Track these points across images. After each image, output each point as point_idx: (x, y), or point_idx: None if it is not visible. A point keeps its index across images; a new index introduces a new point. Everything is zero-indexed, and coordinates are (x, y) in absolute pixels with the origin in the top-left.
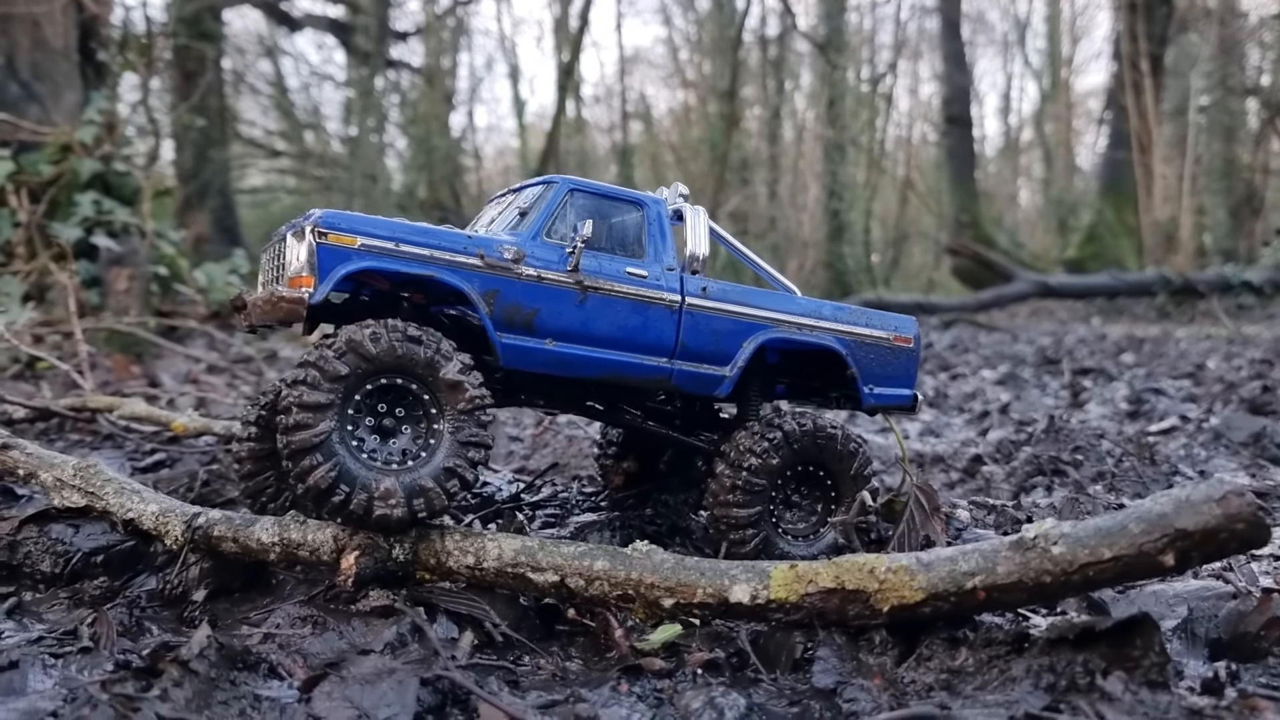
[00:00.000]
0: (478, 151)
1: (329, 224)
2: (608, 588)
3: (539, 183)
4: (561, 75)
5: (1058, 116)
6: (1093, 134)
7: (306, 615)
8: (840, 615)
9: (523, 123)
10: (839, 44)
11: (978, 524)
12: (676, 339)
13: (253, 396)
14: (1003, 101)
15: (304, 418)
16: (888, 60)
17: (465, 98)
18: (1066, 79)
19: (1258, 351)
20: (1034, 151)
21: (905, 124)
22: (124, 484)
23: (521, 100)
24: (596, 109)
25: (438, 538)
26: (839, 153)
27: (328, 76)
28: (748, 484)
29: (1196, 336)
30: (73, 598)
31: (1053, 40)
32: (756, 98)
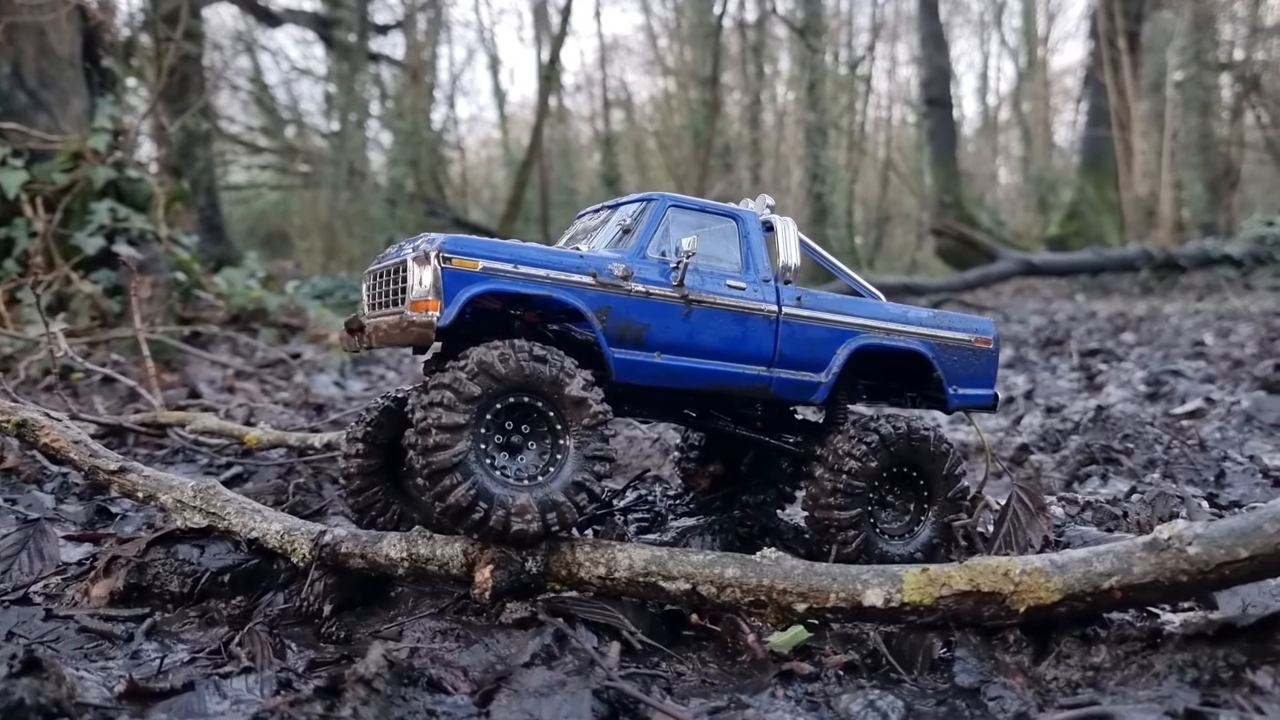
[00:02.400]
0: (460, 144)
1: (453, 249)
2: (739, 594)
3: (638, 199)
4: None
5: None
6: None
7: (445, 629)
8: (975, 616)
9: (504, 113)
10: (817, 28)
11: (1075, 520)
12: (775, 348)
13: (359, 415)
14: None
15: (443, 438)
16: (866, 43)
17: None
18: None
19: (1249, 326)
20: (1012, 130)
21: (885, 106)
22: (244, 503)
23: (502, 91)
24: (578, 97)
25: (568, 550)
26: (820, 136)
27: (307, 71)
28: (848, 487)
29: (1185, 311)
30: (203, 616)
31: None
32: (737, 83)
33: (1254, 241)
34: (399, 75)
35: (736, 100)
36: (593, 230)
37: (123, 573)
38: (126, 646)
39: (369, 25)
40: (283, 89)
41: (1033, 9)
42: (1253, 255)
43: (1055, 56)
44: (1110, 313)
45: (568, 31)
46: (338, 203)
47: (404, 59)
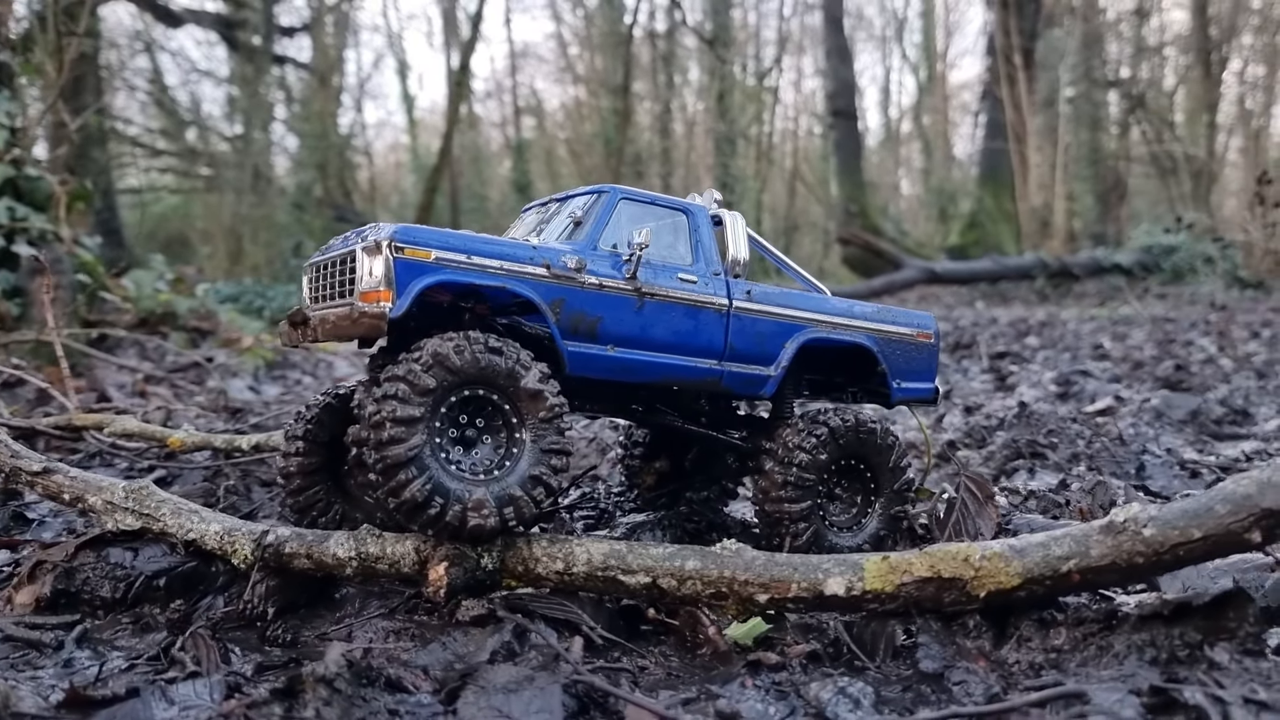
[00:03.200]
0: (368, 149)
1: (405, 239)
2: (700, 586)
3: (589, 192)
4: (456, 72)
5: (935, 109)
6: (968, 125)
7: (398, 629)
8: (935, 602)
9: (413, 118)
10: (726, 39)
11: (1019, 509)
12: (726, 341)
13: (298, 412)
14: (883, 95)
15: (397, 432)
16: (773, 55)
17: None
18: (942, 73)
19: (1142, 331)
20: (914, 143)
21: (791, 117)
22: (180, 504)
23: (411, 96)
24: (488, 104)
25: (524, 545)
26: (729, 145)
27: (209, 73)
28: (799, 479)
29: (1082, 317)
30: (137, 623)
31: (928, 35)
32: (648, 92)
33: (1142, 251)
34: (305, 78)
35: (647, 109)
36: (541, 224)
37: (49, 578)
38: (57, 655)
39: (274, 27)
40: (183, 91)
41: (932, 26)
42: (1141, 264)
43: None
44: (1011, 319)
45: (478, 38)
46: (241, 207)
47: (311, 62)
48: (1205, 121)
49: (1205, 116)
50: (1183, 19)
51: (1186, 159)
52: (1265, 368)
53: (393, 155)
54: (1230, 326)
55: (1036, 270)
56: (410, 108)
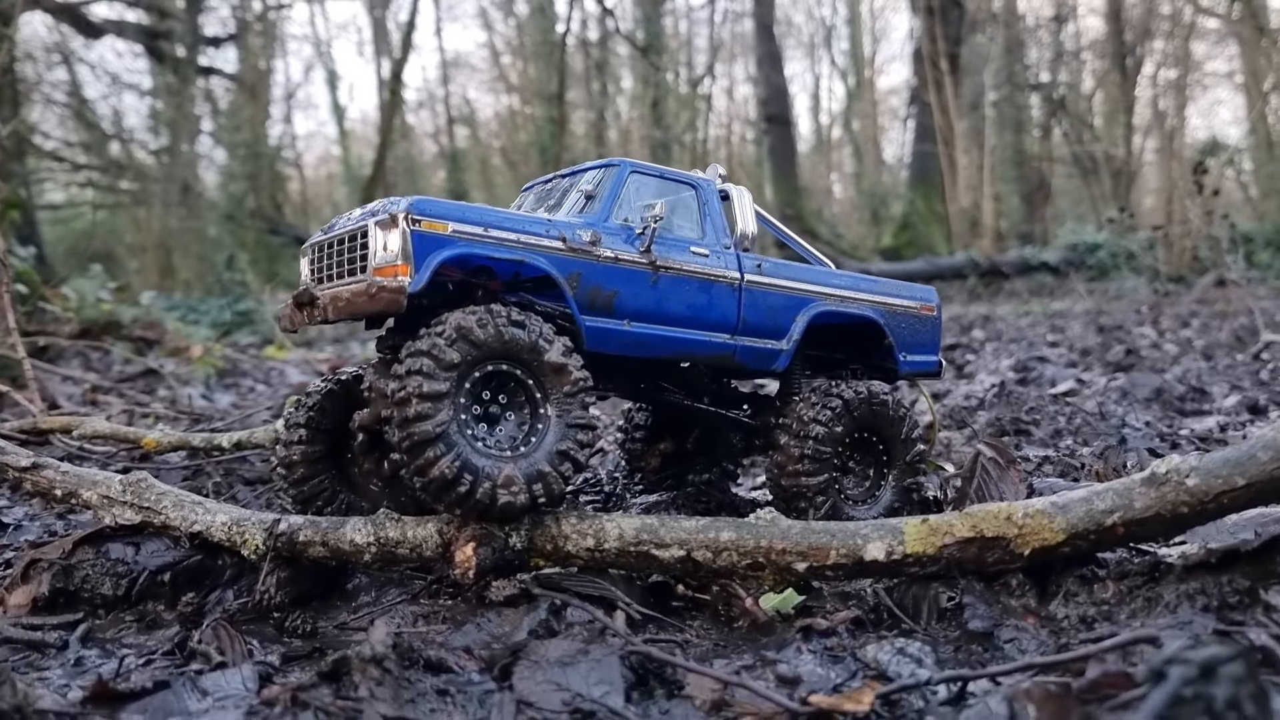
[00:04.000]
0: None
1: (422, 211)
2: (736, 557)
3: (598, 166)
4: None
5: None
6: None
7: (427, 612)
8: (978, 563)
9: (344, 129)
10: (658, 47)
11: (1035, 476)
12: (739, 315)
13: (299, 399)
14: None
15: (424, 408)
16: (705, 63)
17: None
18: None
19: (1078, 324)
20: (845, 148)
21: (725, 124)
22: (182, 496)
23: (341, 107)
24: (421, 114)
25: (553, 523)
26: (664, 152)
27: (132, 85)
28: (816, 452)
29: (1018, 313)
30: (142, 620)
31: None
32: (582, 100)
33: (1067, 249)
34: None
35: (582, 117)
36: (544, 202)
37: (46, 577)
38: (62, 655)
39: (200, 38)
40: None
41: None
42: (1067, 261)
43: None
44: (950, 315)
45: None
46: (170, 221)
47: (238, 73)
48: (1123, 123)
49: (1122, 118)
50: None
51: (1106, 159)
52: (1209, 350)
53: (324, 167)
54: (1161, 316)
55: (968, 269)
56: (341, 118)
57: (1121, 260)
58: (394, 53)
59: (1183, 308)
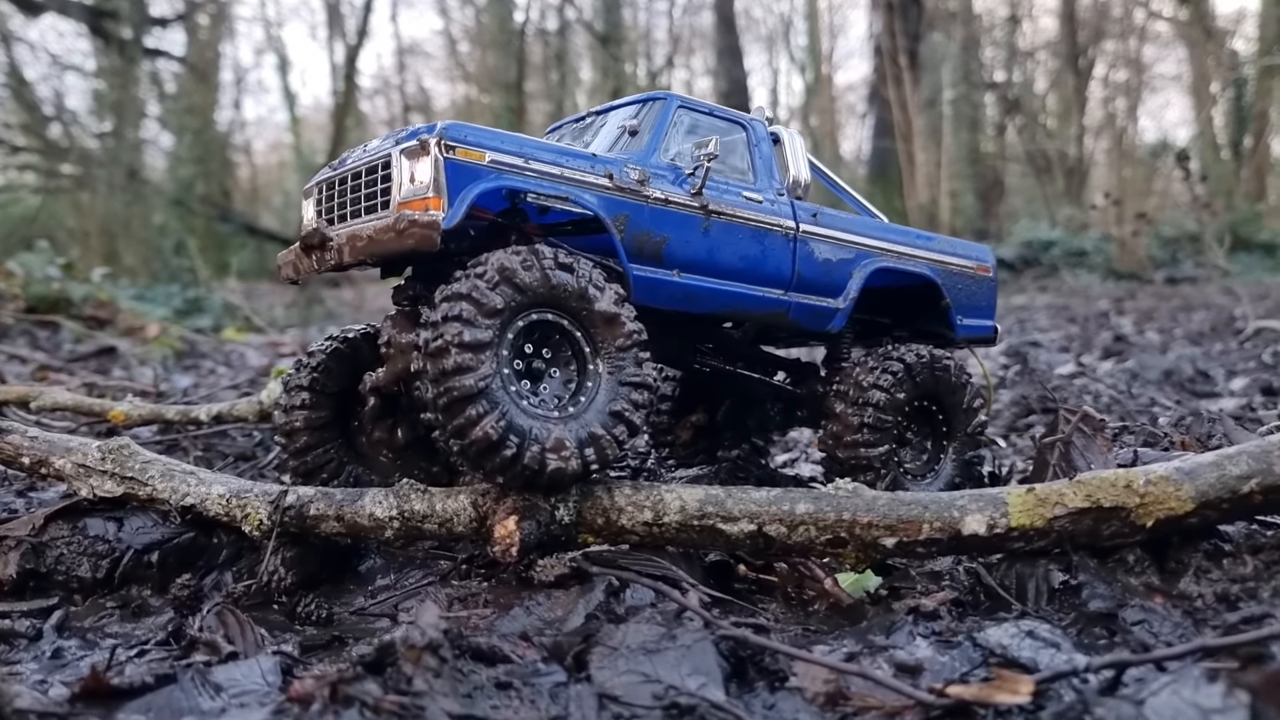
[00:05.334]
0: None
1: (455, 136)
2: (815, 532)
3: (640, 100)
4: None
5: (822, 110)
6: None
7: (464, 595)
8: (1092, 536)
9: (295, 116)
10: (618, 38)
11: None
12: (793, 269)
13: (298, 358)
14: (771, 95)
15: (464, 359)
16: (664, 55)
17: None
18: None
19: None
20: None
21: None
22: (171, 465)
23: (292, 93)
24: (376, 101)
25: (604, 494)
26: None
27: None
28: (877, 421)
29: None
30: (125, 606)
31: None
32: (540, 90)
33: (1023, 246)
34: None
35: (540, 108)
36: (583, 140)
37: (14, 557)
38: (36, 647)
39: (146, 18)
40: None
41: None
42: (1022, 258)
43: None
44: None
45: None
46: (114, 206)
47: (186, 56)
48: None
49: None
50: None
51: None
52: (1196, 337)
53: (275, 154)
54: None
55: None
56: (292, 105)
57: (1075, 257)
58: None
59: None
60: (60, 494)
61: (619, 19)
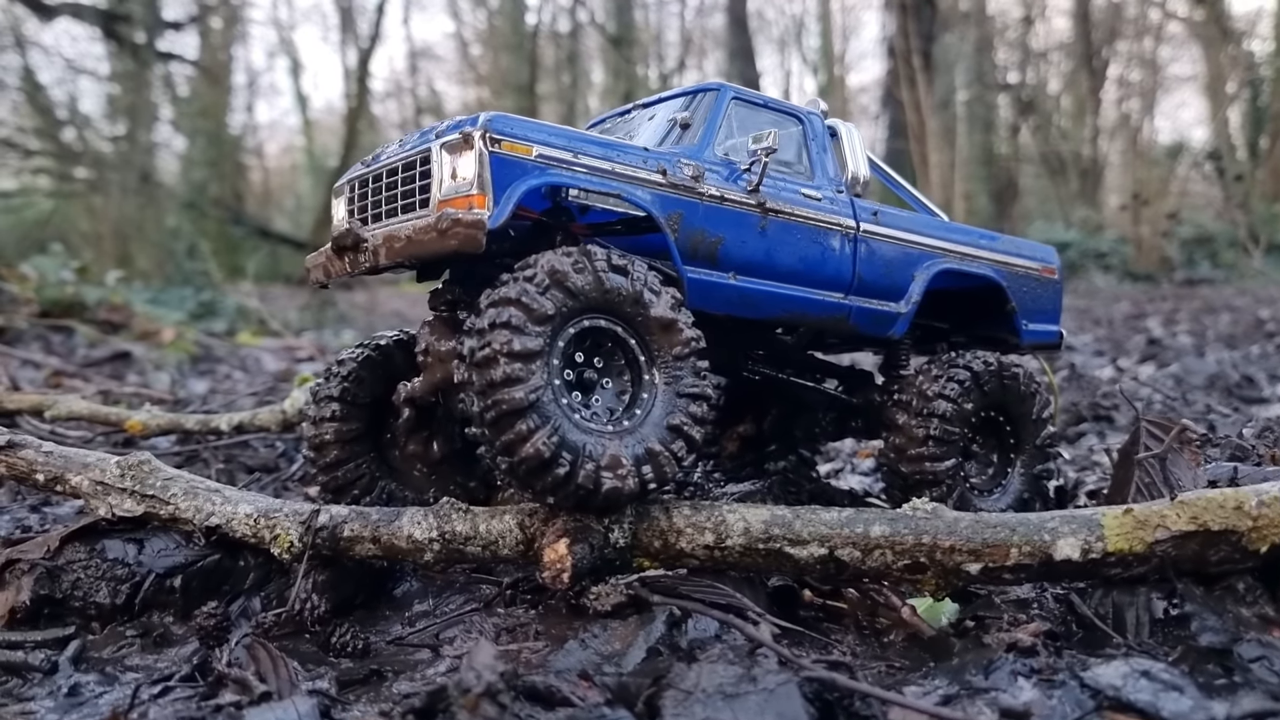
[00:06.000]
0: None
1: (501, 129)
2: (891, 557)
3: (690, 91)
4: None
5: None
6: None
7: (511, 626)
8: (1198, 562)
9: (308, 119)
10: (630, 39)
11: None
12: (854, 271)
13: (329, 367)
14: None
15: (514, 369)
16: (676, 56)
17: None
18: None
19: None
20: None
21: None
22: (195, 482)
23: (304, 96)
24: (388, 104)
25: (661, 514)
26: None
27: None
28: (944, 433)
29: None
30: (146, 635)
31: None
32: (552, 92)
33: None
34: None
35: (552, 110)
36: (627, 134)
37: (27, 582)
38: (51, 681)
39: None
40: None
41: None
42: None
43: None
44: None
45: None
46: (127, 209)
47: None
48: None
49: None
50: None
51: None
52: (1228, 340)
53: (287, 157)
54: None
55: None
56: (304, 108)
57: (1091, 259)
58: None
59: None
60: (77, 509)
61: (631, 21)
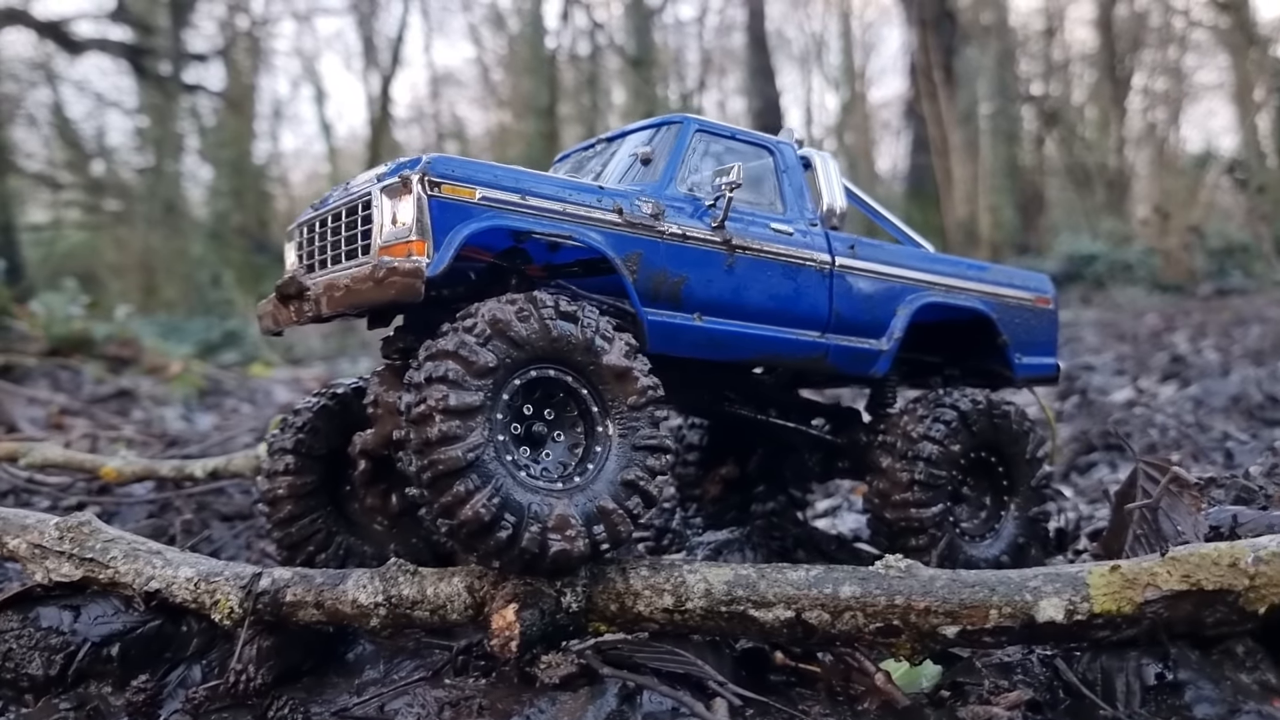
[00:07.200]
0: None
1: (442, 172)
2: (862, 620)
3: (654, 124)
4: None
5: (857, 127)
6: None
7: (455, 699)
8: (1193, 624)
9: (332, 147)
10: (649, 60)
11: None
12: (830, 308)
13: (285, 418)
14: (805, 114)
15: (450, 427)
16: (696, 76)
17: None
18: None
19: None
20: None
21: None
22: (136, 544)
23: (328, 124)
24: (411, 129)
25: (618, 575)
26: None
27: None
28: (929, 477)
29: None
30: (80, 708)
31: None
32: (572, 114)
33: (1065, 260)
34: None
35: (573, 132)
36: (590, 170)
37: None
38: None
39: (184, 54)
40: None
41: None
42: (1065, 273)
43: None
44: None
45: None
46: (153, 240)
47: (224, 90)
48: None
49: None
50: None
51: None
52: (1255, 356)
53: (312, 185)
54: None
55: None
56: (329, 135)
57: (1119, 270)
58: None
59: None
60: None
61: (650, 42)
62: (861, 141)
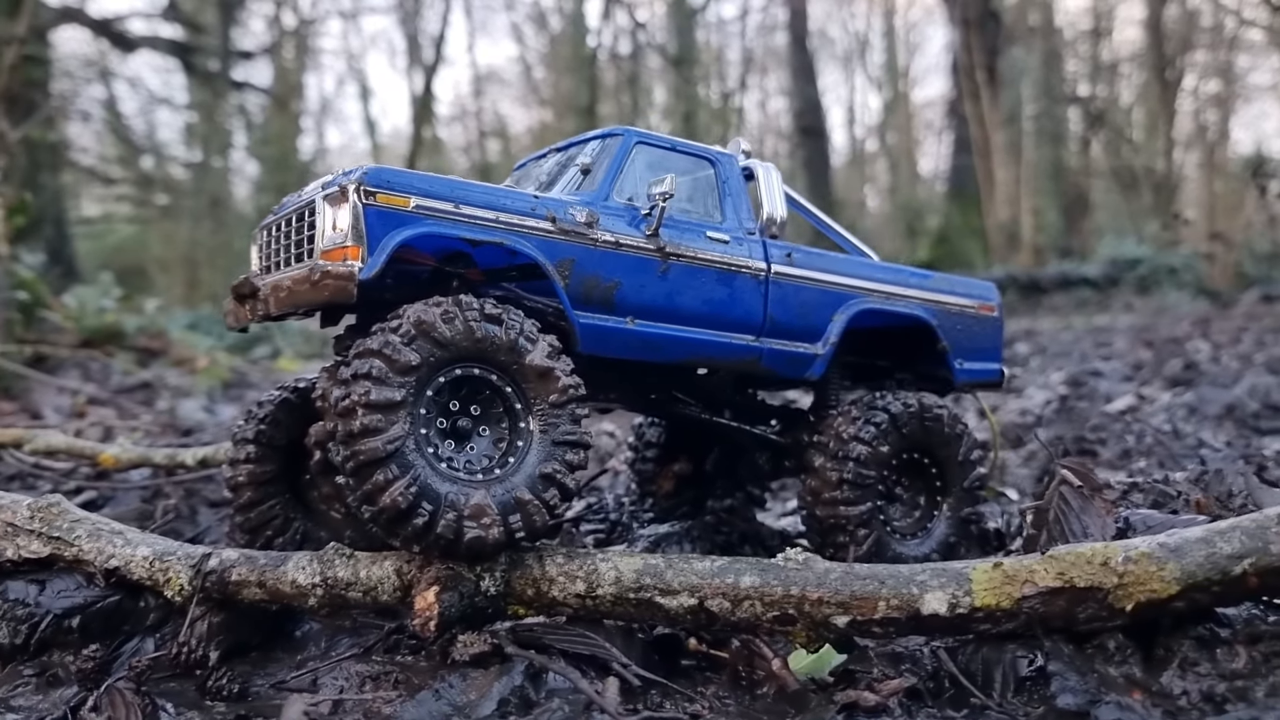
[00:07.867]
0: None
1: (376, 182)
2: (760, 608)
3: (598, 136)
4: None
5: (899, 127)
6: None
7: (377, 673)
8: (1066, 620)
9: (376, 143)
10: (691, 59)
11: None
12: (765, 313)
13: (249, 410)
14: (847, 114)
15: (372, 420)
16: (737, 75)
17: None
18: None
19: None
20: (879, 161)
21: (757, 137)
22: (100, 524)
23: (373, 121)
24: (453, 127)
25: (535, 563)
26: None
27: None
28: (858, 477)
29: (1059, 327)
30: (42, 674)
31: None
32: (613, 114)
33: (1108, 263)
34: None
35: None
36: (539, 177)
37: None
38: None
39: (233, 52)
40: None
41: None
42: (1108, 277)
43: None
44: None
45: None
46: (199, 234)
47: (271, 87)
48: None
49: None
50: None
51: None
52: (1274, 364)
53: None
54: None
55: (1006, 283)
56: (373, 132)
57: (1163, 274)
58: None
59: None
60: None
61: (692, 41)
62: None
